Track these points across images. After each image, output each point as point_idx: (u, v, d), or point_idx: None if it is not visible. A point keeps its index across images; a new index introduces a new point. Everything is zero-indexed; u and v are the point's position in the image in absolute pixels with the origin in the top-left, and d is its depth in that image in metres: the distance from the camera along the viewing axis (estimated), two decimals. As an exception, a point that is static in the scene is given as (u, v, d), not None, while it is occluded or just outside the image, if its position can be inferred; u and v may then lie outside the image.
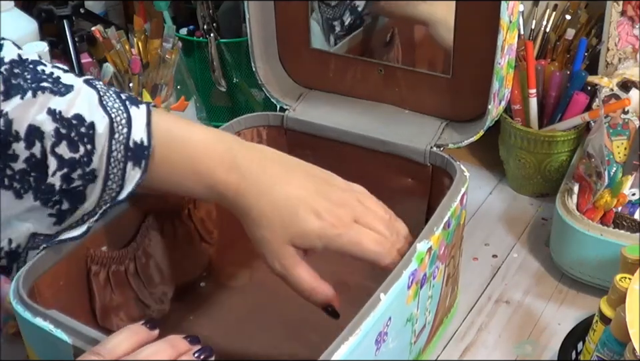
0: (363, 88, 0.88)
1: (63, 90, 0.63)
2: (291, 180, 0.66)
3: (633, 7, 1.01)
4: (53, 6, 1.12)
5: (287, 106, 0.90)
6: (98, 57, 1.13)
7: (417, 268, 0.66)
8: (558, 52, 1.05)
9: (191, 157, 0.65)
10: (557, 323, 0.82)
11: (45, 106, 0.62)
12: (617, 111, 0.94)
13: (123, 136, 0.63)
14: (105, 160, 0.63)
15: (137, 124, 0.64)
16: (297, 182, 0.66)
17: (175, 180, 0.66)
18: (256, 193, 0.65)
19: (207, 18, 1.12)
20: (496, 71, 0.75)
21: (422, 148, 0.81)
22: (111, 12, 1.29)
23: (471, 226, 0.96)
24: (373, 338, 0.61)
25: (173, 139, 0.65)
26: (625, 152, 0.93)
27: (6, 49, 0.64)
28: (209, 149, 0.66)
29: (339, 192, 0.68)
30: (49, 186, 0.63)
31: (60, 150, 0.62)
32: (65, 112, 0.62)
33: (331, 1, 0.97)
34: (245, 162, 0.66)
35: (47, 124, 0.61)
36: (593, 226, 0.83)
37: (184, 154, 0.65)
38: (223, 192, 0.65)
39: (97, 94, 0.64)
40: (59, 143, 0.62)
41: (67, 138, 0.62)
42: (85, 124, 0.62)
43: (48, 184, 0.62)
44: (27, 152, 0.61)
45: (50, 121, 0.61)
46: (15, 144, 0.61)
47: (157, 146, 0.64)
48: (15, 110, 0.60)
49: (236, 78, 1.12)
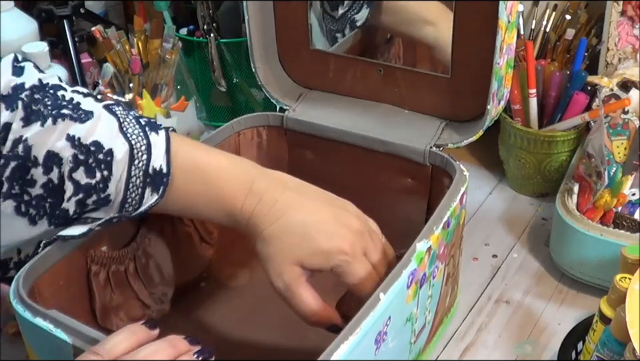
0: (363, 88, 0.89)
1: (83, 117, 0.64)
2: (307, 205, 0.66)
3: (632, 7, 1.01)
4: (53, 6, 1.12)
5: (287, 107, 0.90)
6: (98, 57, 1.13)
7: (417, 268, 0.66)
8: (558, 52, 1.05)
9: (210, 184, 0.66)
10: (557, 323, 0.82)
11: (64, 132, 0.63)
12: (616, 111, 0.94)
13: (142, 163, 0.64)
14: (122, 186, 0.64)
15: (156, 151, 0.64)
16: (313, 207, 0.66)
17: (191, 205, 0.67)
18: (271, 216, 0.65)
19: (207, 18, 1.12)
20: (495, 71, 0.75)
21: (421, 148, 0.81)
22: (111, 12, 1.29)
23: (471, 226, 0.96)
24: (373, 338, 0.61)
25: (192, 165, 0.66)
26: (624, 152, 0.93)
27: (27, 73, 0.65)
28: (229, 176, 0.66)
29: (355, 221, 0.67)
30: (64, 211, 0.64)
31: (77, 176, 0.63)
32: (84, 138, 0.63)
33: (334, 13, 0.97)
34: (262, 188, 0.66)
35: (66, 150, 0.62)
36: (593, 226, 0.83)
37: (203, 181, 0.66)
38: (239, 218, 0.66)
39: (116, 121, 0.65)
40: (77, 169, 0.63)
41: (84, 164, 0.63)
42: (104, 151, 0.63)
43: (62, 209, 0.64)
44: (44, 177, 0.63)
45: (69, 147, 0.63)
46: (33, 169, 0.62)
47: (176, 172, 0.65)
48: (35, 137, 0.62)
49: (236, 78, 1.12)
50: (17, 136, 0.62)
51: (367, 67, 0.88)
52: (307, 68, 0.91)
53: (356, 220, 0.67)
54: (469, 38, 0.79)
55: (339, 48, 0.97)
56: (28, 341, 0.63)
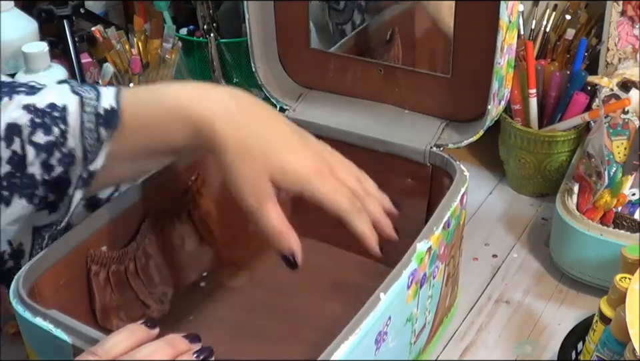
0: (363, 88, 0.89)
1: (37, 90, 0.65)
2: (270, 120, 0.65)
3: (633, 7, 1.01)
4: (53, 6, 1.12)
5: (287, 107, 0.90)
6: (98, 57, 1.13)
7: (417, 268, 0.66)
8: (558, 52, 1.05)
9: (160, 99, 0.64)
10: (557, 323, 0.82)
11: (20, 104, 0.63)
12: (617, 111, 0.94)
13: (92, 108, 0.64)
14: (78, 134, 0.64)
15: (105, 96, 0.65)
16: (276, 122, 0.64)
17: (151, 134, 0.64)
18: (235, 124, 0.62)
19: (207, 18, 1.12)
20: (495, 71, 0.75)
21: (422, 148, 0.81)
22: (111, 12, 1.29)
23: (471, 226, 0.96)
24: (373, 338, 0.61)
25: (147, 96, 0.65)
26: (624, 152, 0.93)
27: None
28: (178, 89, 0.64)
29: (317, 144, 0.67)
30: (29, 177, 0.63)
31: (36, 138, 0.63)
32: (39, 104, 0.64)
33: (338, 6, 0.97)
34: (216, 95, 0.63)
35: (23, 117, 0.63)
36: (593, 226, 0.83)
37: (153, 100, 0.64)
38: (199, 127, 0.62)
39: (68, 85, 0.66)
40: (35, 132, 0.63)
41: (41, 126, 0.63)
42: (58, 109, 0.64)
43: (28, 175, 0.63)
44: (8, 151, 0.62)
45: (25, 114, 0.63)
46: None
47: (128, 104, 0.64)
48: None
49: (236, 78, 1.12)
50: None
51: (367, 67, 0.88)
52: (307, 68, 0.91)
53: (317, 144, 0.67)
54: (469, 38, 0.79)
55: (339, 48, 0.97)
56: (28, 341, 0.63)
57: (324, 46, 0.95)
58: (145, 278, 0.75)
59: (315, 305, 0.81)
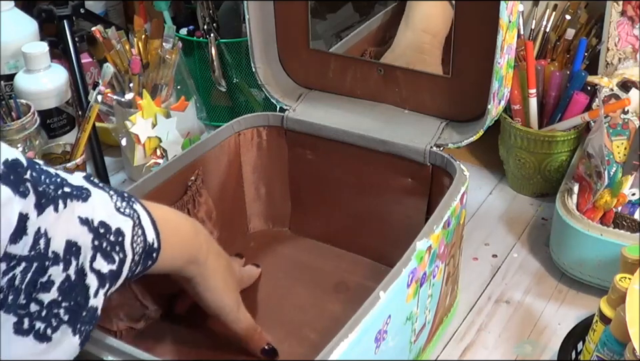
0: (363, 88, 0.89)
1: (83, 195, 0.55)
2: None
3: (632, 7, 1.01)
4: (53, 6, 1.12)
5: (287, 107, 0.90)
6: (98, 57, 1.13)
7: (417, 267, 0.66)
8: (558, 52, 1.05)
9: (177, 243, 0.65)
10: (557, 323, 0.82)
11: (75, 215, 0.53)
12: (616, 111, 0.94)
13: (140, 238, 0.59)
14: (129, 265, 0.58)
15: (145, 222, 0.60)
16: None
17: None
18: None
19: (207, 18, 1.12)
20: (495, 71, 0.75)
21: (422, 148, 0.81)
22: (111, 12, 1.29)
23: (471, 226, 0.96)
24: (373, 336, 0.61)
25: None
26: (624, 152, 0.93)
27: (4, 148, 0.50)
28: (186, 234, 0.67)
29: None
30: (92, 310, 0.54)
31: (97, 265, 0.54)
32: (92, 220, 0.54)
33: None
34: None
35: (83, 236, 0.53)
36: (593, 226, 0.83)
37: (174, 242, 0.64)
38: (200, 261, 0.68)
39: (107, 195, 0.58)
40: (95, 257, 0.54)
41: (100, 250, 0.54)
42: (112, 231, 0.56)
43: (90, 308, 0.54)
44: (63, 275, 0.52)
45: (86, 232, 0.53)
46: (53, 267, 0.51)
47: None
48: (53, 226, 0.51)
49: (236, 78, 1.12)
50: (36, 229, 0.50)
51: (367, 67, 0.88)
52: (307, 68, 0.91)
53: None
54: (469, 38, 0.79)
55: (339, 48, 0.97)
56: (28, 340, 0.63)
57: (324, 47, 0.95)
58: (144, 279, 0.75)
59: (315, 305, 0.81)
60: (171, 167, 0.80)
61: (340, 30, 1.02)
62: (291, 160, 0.90)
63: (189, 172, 0.82)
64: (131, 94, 1.00)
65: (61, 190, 0.53)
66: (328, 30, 1.02)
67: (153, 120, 0.97)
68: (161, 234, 0.61)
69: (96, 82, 0.95)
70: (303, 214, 0.92)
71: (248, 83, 1.13)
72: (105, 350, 0.59)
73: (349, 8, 1.08)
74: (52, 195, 0.51)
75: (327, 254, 0.89)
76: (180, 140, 0.99)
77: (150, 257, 0.61)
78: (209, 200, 0.84)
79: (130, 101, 1.00)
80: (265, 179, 0.91)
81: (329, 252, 0.89)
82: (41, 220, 0.50)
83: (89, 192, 0.55)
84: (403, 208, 0.84)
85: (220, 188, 0.86)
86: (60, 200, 0.52)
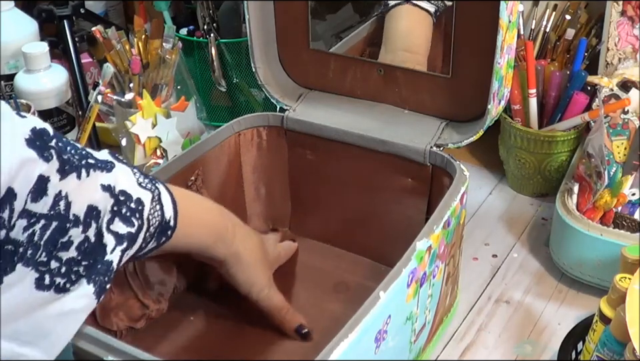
0: (363, 88, 0.89)
1: (108, 166, 0.59)
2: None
3: (632, 7, 1.01)
4: (53, 6, 1.12)
5: (287, 107, 0.90)
6: (98, 57, 1.13)
7: (417, 267, 0.66)
8: (558, 52, 1.05)
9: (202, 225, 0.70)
10: (557, 323, 0.82)
11: (98, 183, 0.57)
12: (616, 111, 0.94)
13: (157, 213, 0.62)
14: (143, 233, 0.61)
15: (165, 201, 0.63)
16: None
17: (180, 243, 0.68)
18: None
19: (207, 18, 1.12)
20: (495, 71, 0.75)
21: (422, 148, 0.81)
22: (111, 12, 1.29)
23: (471, 226, 0.96)
24: (373, 336, 0.61)
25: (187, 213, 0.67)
26: (624, 152, 0.93)
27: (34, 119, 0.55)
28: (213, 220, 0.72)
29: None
30: (107, 263, 0.58)
31: (115, 227, 0.58)
32: (114, 188, 0.59)
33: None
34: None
35: (104, 200, 0.57)
36: (593, 226, 0.83)
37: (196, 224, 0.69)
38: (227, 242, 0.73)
39: (130, 170, 0.62)
40: (113, 220, 0.58)
41: (119, 214, 0.58)
42: (133, 199, 0.60)
43: (106, 262, 0.58)
44: (82, 236, 0.56)
45: (108, 197, 0.58)
46: (73, 229, 0.55)
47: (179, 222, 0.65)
48: (75, 191, 0.55)
49: (236, 78, 1.12)
50: (57, 191, 0.54)
51: (367, 67, 0.88)
52: (306, 68, 0.91)
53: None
54: (469, 38, 0.79)
55: (339, 49, 0.97)
56: (28, 340, 0.63)
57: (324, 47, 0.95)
58: (144, 278, 0.75)
59: (315, 305, 0.81)
60: (171, 167, 0.80)
61: (340, 31, 1.02)
62: (291, 160, 0.90)
63: (189, 172, 0.82)
64: (131, 94, 1.00)
65: (85, 160, 0.57)
66: (328, 31, 1.01)
67: (153, 120, 0.97)
68: (179, 215, 0.64)
69: (96, 82, 0.95)
70: (303, 214, 0.92)
71: (248, 83, 1.13)
72: (105, 350, 0.59)
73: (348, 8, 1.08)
74: (76, 164, 0.55)
75: (326, 254, 0.89)
76: (180, 140, 0.99)
77: (164, 234, 0.64)
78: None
79: (130, 101, 1.00)
80: (265, 179, 0.91)
81: (328, 252, 0.89)
82: (63, 184, 0.54)
83: (113, 164, 0.60)
84: (403, 208, 0.84)
85: (220, 188, 0.86)
86: (83, 168, 0.56)
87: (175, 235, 0.65)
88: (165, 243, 0.65)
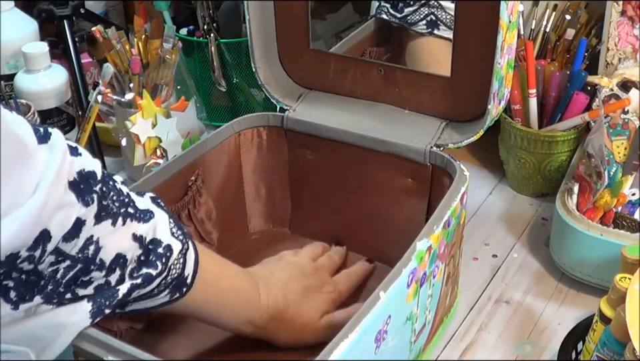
0: (363, 88, 0.88)
1: (145, 217, 0.60)
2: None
3: (632, 7, 1.01)
4: (53, 6, 1.12)
5: (287, 107, 0.90)
6: (98, 57, 1.13)
7: (417, 267, 0.66)
8: (558, 52, 1.05)
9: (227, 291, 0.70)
10: (557, 323, 0.82)
11: (130, 232, 0.58)
12: (616, 111, 0.94)
13: (179, 265, 0.62)
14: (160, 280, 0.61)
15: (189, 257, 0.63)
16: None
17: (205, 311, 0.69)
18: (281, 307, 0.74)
19: (207, 19, 1.12)
20: (495, 71, 0.75)
21: (422, 148, 0.81)
22: (111, 12, 1.29)
23: (471, 226, 0.96)
24: (373, 336, 0.61)
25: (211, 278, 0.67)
26: (624, 152, 0.93)
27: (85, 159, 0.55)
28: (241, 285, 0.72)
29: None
30: (113, 290, 0.58)
31: (136, 274, 0.59)
32: (146, 238, 0.59)
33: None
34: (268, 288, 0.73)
35: (133, 250, 0.58)
36: (593, 226, 0.83)
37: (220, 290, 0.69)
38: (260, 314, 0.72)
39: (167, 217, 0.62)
40: (140, 269, 0.59)
41: (146, 263, 0.59)
42: (162, 245, 0.60)
43: (112, 289, 0.58)
44: (103, 279, 0.57)
45: (137, 248, 0.58)
46: (96, 272, 0.56)
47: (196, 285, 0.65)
48: (106, 238, 0.56)
49: (236, 78, 1.12)
50: (89, 235, 0.54)
51: (367, 67, 0.88)
52: (307, 68, 0.91)
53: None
54: (469, 38, 0.79)
55: (339, 49, 0.97)
56: (28, 340, 0.63)
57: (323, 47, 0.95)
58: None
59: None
60: (171, 167, 0.80)
61: (340, 31, 1.02)
62: (291, 160, 0.90)
63: (189, 172, 0.82)
64: (131, 94, 1.00)
65: (125, 209, 0.58)
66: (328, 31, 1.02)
67: (153, 120, 0.97)
68: (198, 276, 0.64)
69: (96, 82, 0.95)
70: (303, 214, 0.92)
71: (248, 83, 1.13)
72: (104, 350, 0.59)
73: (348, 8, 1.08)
74: (114, 211, 0.56)
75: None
76: (180, 140, 0.99)
77: (179, 289, 0.63)
78: (209, 200, 0.84)
79: (130, 101, 1.00)
80: (265, 179, 0.91)
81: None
82: (96, 229, 0.55)
83: (152, 215, 0.60)
84: (403, 208, 0.84)
85: (220, 188, 0.86)
86: (120, 217, 0.57)
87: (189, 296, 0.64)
88: (176, 300, 0.63)
